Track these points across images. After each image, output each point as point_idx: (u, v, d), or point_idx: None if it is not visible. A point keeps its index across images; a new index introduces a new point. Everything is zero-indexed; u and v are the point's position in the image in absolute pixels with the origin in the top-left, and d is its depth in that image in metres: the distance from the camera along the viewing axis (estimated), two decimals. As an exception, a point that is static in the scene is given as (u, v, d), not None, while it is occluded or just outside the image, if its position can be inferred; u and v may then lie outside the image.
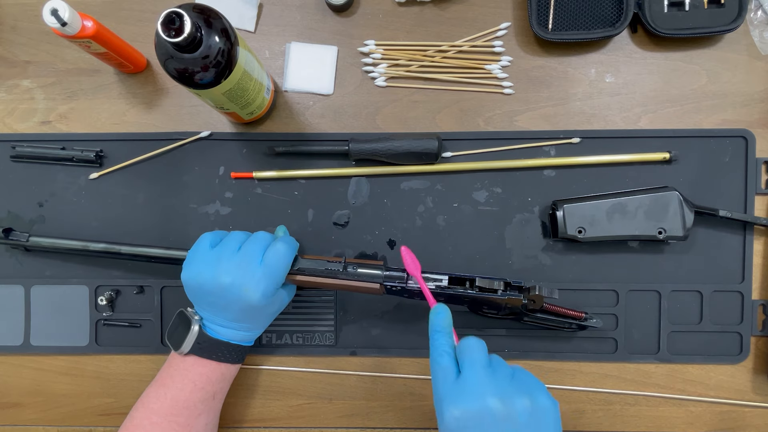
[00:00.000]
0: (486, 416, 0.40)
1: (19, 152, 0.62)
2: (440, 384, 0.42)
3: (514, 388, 0.41)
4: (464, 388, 0.41)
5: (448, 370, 0.43)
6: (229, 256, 0.51)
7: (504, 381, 0.42)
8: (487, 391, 0.41)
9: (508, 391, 0.41)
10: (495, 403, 0.40)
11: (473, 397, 0.40)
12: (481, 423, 0.40)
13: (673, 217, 0.57)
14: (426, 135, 0.59)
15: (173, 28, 0.42)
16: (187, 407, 0.52)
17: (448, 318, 0.46)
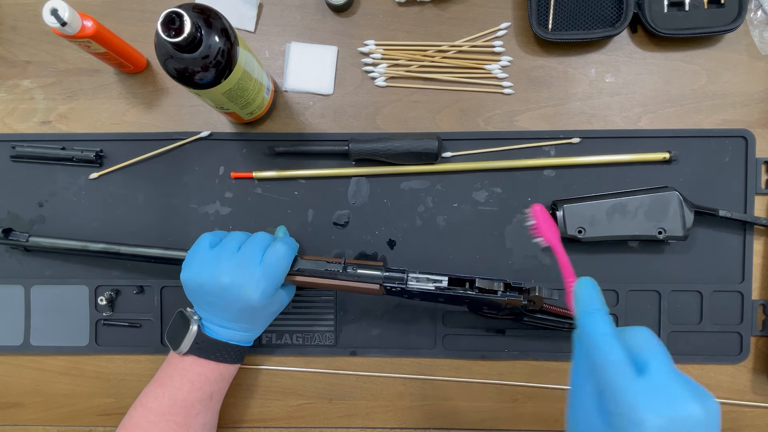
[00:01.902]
0: (689, 424, 0.33)
1: (19, 152, 0.62)
2: (624, 385, 0.34)
3: (698, 388, 0.35)
4: (661, 389, 0.34)
5: (625, 365, 0.35)
6: (228, 257, 0.51)
7: (688, 380, 0.36)
8: (686, 393, 0.34)
9: (700, 393, 0.35)
10: (696, 408, 0.34)
11: (676, 401, 0.34)
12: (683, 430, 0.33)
13: (673, 217, 0.57)
14: (426, 135, 0.59)
15: (173, 28, 0.42)
16: (185, 407, 0.52)
17: (599, 293, 0.39)
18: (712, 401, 0.35)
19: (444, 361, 0.62)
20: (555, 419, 0.61)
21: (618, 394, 0.34)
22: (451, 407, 0.62)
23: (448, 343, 0.61)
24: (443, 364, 0.62)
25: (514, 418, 0.62)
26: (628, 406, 0.34)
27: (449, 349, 0.61)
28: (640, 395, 0.34)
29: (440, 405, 0.62)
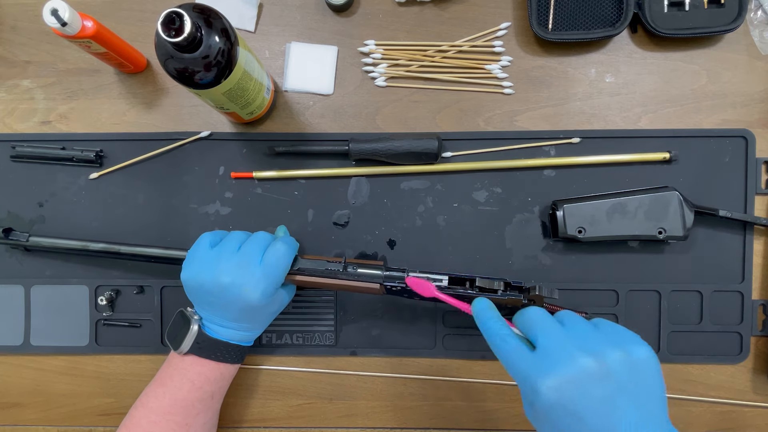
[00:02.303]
0: (583, 377, 0.36)
1: (19, 152, 0.62)
2: (520, 364, 0.38)
3: (602, 341, 0.38)
4: (548, 355, 0.37)
5: (520, 348, 0.39)
6: (228, 256, 0.51)
7: (588, 336, 0.38)
8: (573, 351, 0.36)
9: (596, 346, 0.37)
10: (587, 361, 0.36)
11: (562, 361, 0.36)
12: (582, 385, 0.35)
13: (673, 217, 0.57)
14: (426, 135, 0.59)
15: (173, 28, 0.42)
16: (185, 406, 0.52)
17: (491, 305, 0.44)
18: (612, 352, 0.36)
19: (444, 361, 0.62)
20: (555, 419, 0.61)
21: (519, 374, 0.38)
22: (451, 407, 0.62)
23: (448, 343, 0.61)
24: (443, 364, 0.62)
25: (514, 418, 0.62)
26: (525, 380, 0.37)
27: (449, 349, 0.61)
28: (532, 367, 0.37)
29: (440, 405, 0.62)
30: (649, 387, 0.37)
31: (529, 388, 0.37)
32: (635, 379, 0.36)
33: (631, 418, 0.35)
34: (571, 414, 0.36)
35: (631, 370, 0.37)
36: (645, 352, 0.38)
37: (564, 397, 0.35)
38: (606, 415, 0.35)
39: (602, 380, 0.36)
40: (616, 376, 0.36)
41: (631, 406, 0.36)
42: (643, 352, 0.38)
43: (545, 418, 0.37)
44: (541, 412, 0.37)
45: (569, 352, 0.37)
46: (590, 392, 0.35)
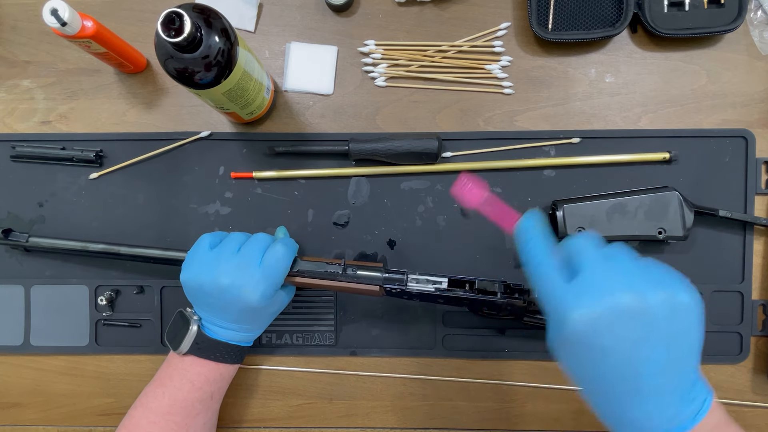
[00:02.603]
0: (618, 314, 0.34)
1: (19, 152, 0.62)
2: (554, 291, 0.36)
3: (647, 280, 0.35)
4: (585, 286, 0.35)
5: (557, 274, 0.37)
6: (228, 258, 0.51)
7: (633, 273, 0.36)
8: (614, 286, 0.35)
9: (640, 284, 0.35)
10: (626, 298, 0.34)
11: (600, 295, 0.34)
12: (615, 323, 0.34)
13: (673, 217, 0.57)
14: (426, 135, 0.59)
15: (173, 28, 0.42)
16: (184, 407, 0.52)
17: (538, 223, 0.39)
18: (655, 293, 0.35)
19: (444, 361, 0.62)
20: (555, 419, 0.61)
21: (550, 301, 0.36)
22: (452, 407, 0.62)
23: (448, 343, 0.61)
24: (443, 364, 0.62)
25: (514, 418, 0.62)
26: (556, 306, 0.36)
27: (449, 349, 0.61)
28: (565, 295, 0.35)
29: (440, 405, 0.62)
30: (686, 334, 0.35)
31: (559, 316, 0.36)
32: (673, 323, 0.35)
33: (658, 362, 0.34)
34: (598, 349, 0.35)
35: (671, 314, 0.35)
36: (689, 297, 0.36)
37: (594, 332, 0.34)
38: (632, 356, 0.34)
39: (637, 320, 0.34)
40: (653, 318, 0.34)
41: (662, 350, 0.35)
42: (687, 297, 0.35)
43: (569, 349, 0.36)
44: (566, 343, 0.36)
45: (609, 286, 0.35)
46: (622, 331, 0.34)
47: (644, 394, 0.35)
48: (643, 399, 0.35)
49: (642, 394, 0.35)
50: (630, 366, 0.35)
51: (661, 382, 0.35)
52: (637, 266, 0.37)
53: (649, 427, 0.35)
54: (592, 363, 0.35)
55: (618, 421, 0.37)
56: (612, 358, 0.35)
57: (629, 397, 0.35)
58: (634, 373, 0.35)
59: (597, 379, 0.36)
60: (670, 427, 0.35)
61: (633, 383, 0.35)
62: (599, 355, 0.35)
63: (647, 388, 0.35)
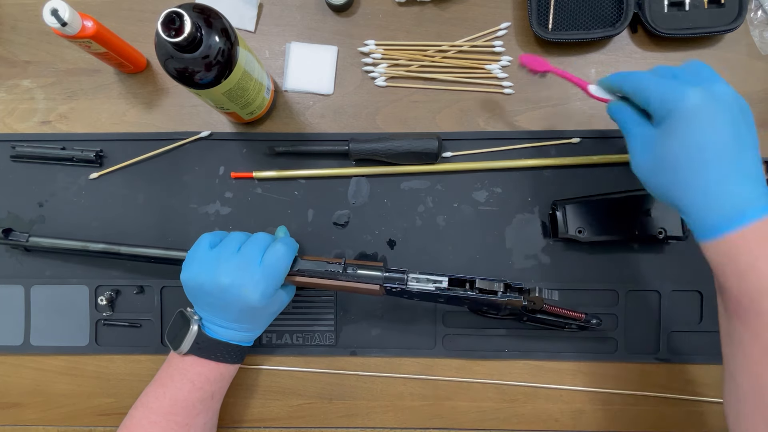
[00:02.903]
0: (726, 98, 0.41)
1: (19, 152, 0.62)
2: (664, 83, 0.43)
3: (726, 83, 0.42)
4: (694, 79, 0.42)
5: (664, 78, 0.44)
6: (228, 257, 0.51)
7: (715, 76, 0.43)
8: (720, 79, 0.42)
9: (724, 84, 0.42)
10: (729, 90, 0.42)
11: (712, 83, 0.42)
12: (719, 101, 0.41)
13: (673, 217, 0.57)
14: (426, 135, 0.59)
15: (173, 28, 0.42)
16: (185, 407, 0.52)
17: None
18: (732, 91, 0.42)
19: (444, 361, 0.62)
20: (555, 419, 0.61)
21: (660, 92, 0.42)
22: (451, 407, 0.62)
23: (448, 343, 0.61)
24: (443, 364, 0.62)
25: (514, 418, 0.62)
26: (672, 92, 0.41)
27: (449, 349, 0.61)
28: (679, 85, 0.41)
29: (440, 405, 0.62)
30: (751, 124, 0.42)
31: (676, 96, 0.41)
32: (745, 114, 0.41)
33: (745, 139, 0.40)
34: (709, 120, 0.40)
35: (742, 107, 0.41)
36: (724, 88, 0.42)
37: (707, 105, 0.40)
38: (731, 129, 0.40)
39: (739, 104, 0.41)
40: (739, 104, 0.41)
41: (746, 129, 0.41)
42: (722, 88, 0.42)
43: (684, 121, 0.41)
44: (682, 117, 0.41)
45: (715, 78, 0.42)
46: (723, 108, 0.40)
47: (742, 164, 0.40)
48: (740, 169, 0.40)
49: (741, 163, 0.40)
50: (731, 137, 0.40)
51: (750, 157, 0.40)
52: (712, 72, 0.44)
53: (745, 199, 0.39)
54: (706, 133, 0.40)
55: (708, 193, 0.40)
56: (720, 128, 0.40)
57: (730, 165, 0.40)
58: (736, 143, 0.40)
59: (705, 147, 0.40)
60: (756, 204, 0.39)
61: (734, 152, 0.40)
62: (709, 126, 0.40)
63: (744, 159, 0.40)
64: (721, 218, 0.39)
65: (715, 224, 0.40)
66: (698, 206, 0.40)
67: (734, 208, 0.39)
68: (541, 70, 0.55)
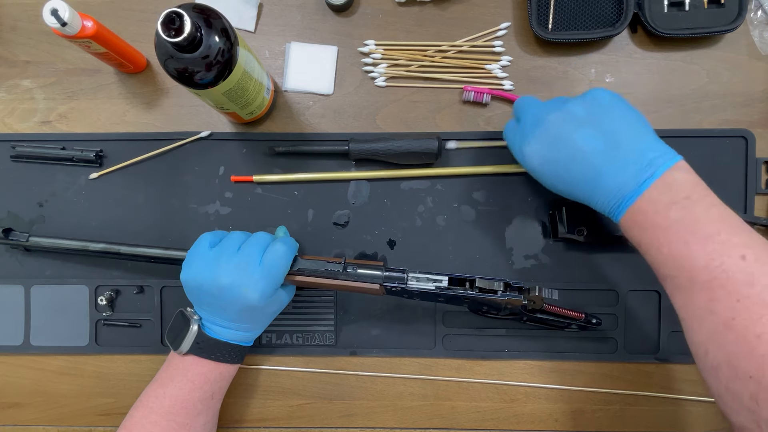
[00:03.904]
0: (564, 115, 0.48)
1: (19, 152, 0.62)
2: (532, 107, 0.51)
3: (571, 100, 0.49)
4: (551, 105, 0.49)
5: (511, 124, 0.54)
6: (228, 257, 0.51)
7: (569, 100, 0.49)
8: (560, 105, 0.48)
9: (569, 103, 0.48)
10: (566, 107, 0.48)
11: (558, 107, 0.48)
12: (563, 120, 0.48)
13: (673, 217, 0.57)
14: (426, 135, 0.59)
15: (173, 28, 0.42)
16: (185, 407, 0.52)
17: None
18: (574, 100, 0.49)
19: (444, 361, 0.62)
20: (555, 419, 0.61)
21: (529, 115, 0.51)
22: (451, 407, 0.62)
23: (448, 343, 0.61)
24: (443, 364, 0.62)
25: (514, 418, 0.62)
26: (535, 115, 0.49)
27: (449, 349, 0.61)
28: (541, 109, 0.50)
29: (440, 405, 0.62)
30: (616, 118, 0.47)
31: (536, 119, 0.49)
32: (592, 114, 0.47)
33: (596, 142, 0.46)
34: (563, 136, 0.48)
35: (589, 107, 0.47)
36: (599, 91, 0.48)
37: (557, 125, 0.48)
38: (575, 139, 0.47)
39: (570, 117, 0.47)
40: (576, 113, 0.47)
41: (594, 133, 0.46)
42: (597, 92, 0.48)
43: (544, 141, 0.49)
44: (542, 137, 0.49)
45: (559, 106, 0.48)
46: (568, 125, 0.47)
47: (604, 164, 0.46)
48: (602, 169, 0.46)
49: (604, 162, 0.46)
50: (578, 148, 0.47)
51: (610, 156, 0.46)
52: (556, 100, 0.50)
53: (611, 188, 0.45)
54: (559, 148, 0.47)
55: (589, 193, 0.48)
56: (569, 142, 0.47)
57: (591, 171, 0.46)
58: (582, 152, 0.46)
59: (565, 161, 0.47)
60: (629, 188, 0.45)
61: (590, 159, 0.46)
62: (562, 142, 0.47)
63: (600, 162, 0.46)
64: (612, 207, 0.46)
65: (610, 212, 0.47)
66: (593, 195, 0.47)
67: (620, 196, 0.45)
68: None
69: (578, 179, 0.47)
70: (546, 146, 0.48)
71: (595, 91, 0.48)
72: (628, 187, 0.44)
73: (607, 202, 0.46)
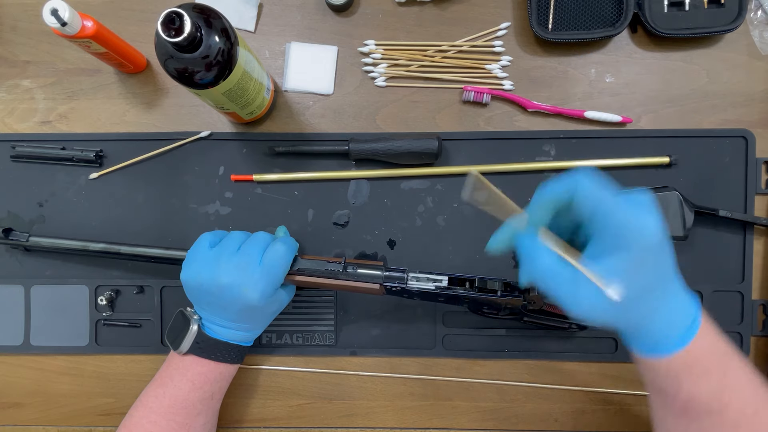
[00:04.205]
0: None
1: (19, 152, 0.62)
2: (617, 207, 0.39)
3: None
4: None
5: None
6: (228, 257, 0.51)
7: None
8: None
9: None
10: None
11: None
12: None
13: (673, 217, 0.57)
14: (426, 135, 0.59)
15: (173, 28, 0.42)
16: (185, 407, 0.52)
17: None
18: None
19: (444, 361, 0.62)
20: (555, 419, 0.61)
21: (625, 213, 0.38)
22: (451, 407, 0.62)
23: (448, 343, 0.61)
24: (443, 364, 0.62)
25: (514, 418, 0.62)
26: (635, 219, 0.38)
27: (449, 349, 0.61)
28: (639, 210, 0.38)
29: (440, 405, 0.62)
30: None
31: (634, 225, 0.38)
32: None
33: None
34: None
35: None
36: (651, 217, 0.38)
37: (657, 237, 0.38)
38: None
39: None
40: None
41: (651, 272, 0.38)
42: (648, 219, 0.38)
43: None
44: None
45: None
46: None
47: (678, 281, 0.40)
48: (680, 286, 0.40)
49: (678, 281, 0.40)
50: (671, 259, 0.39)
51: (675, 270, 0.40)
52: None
53: (692, 314, 0.40)
54: (664, 262, 0.39)
55: (666, 314, 0.40)
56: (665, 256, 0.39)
57: (676, 286, 0.40)
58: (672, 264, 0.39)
59: (664, 275, 0.39)
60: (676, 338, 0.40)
61: (674, 273, 0.40)
62: (663, 255, 0.39)
63: (676, 276, 0.40)
64: (679, 335, 0.40)
65: (674, 341, 0.40)
66: (656, 329, 0.40)
67: (688, 323, 0.40)
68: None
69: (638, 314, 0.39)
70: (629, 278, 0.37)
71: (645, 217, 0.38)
72: (698, 315, 0.40)
73: (677, 328, 0.40)
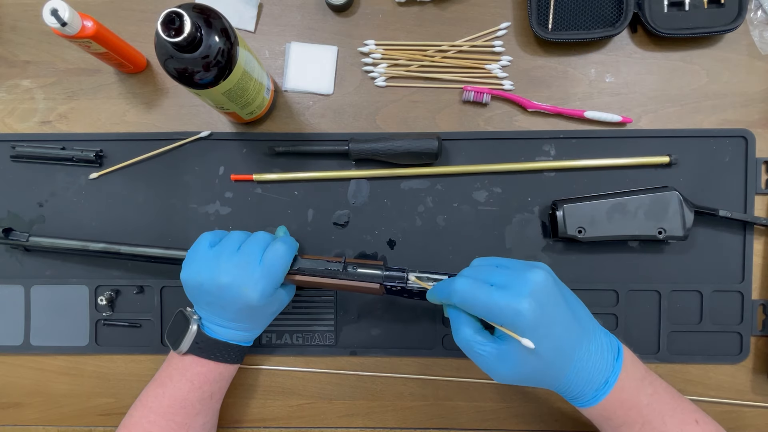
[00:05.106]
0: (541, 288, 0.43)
1: (19, 152, 0.62)
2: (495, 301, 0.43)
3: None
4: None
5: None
6: (228, 256, 0.51)
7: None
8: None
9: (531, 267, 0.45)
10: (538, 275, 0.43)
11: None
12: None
13: (673, 217, 0.57)
14: (426, 135, 0.59)
15: (173, 28, 0.42)
16: (184, 406, 0.52)
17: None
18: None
19: (444, 360, 0.62)
20: (555, 419, 0.61)
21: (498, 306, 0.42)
22: (451, 407, 0.62)
23: (448, 343, 0.61)
24: (443, 364, 0.62)
25: (514, 418, 0.62)
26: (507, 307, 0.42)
27: (449, 349, 0.61)
28: (507, 293, 0.43)
29: (440, 405, 0.62)
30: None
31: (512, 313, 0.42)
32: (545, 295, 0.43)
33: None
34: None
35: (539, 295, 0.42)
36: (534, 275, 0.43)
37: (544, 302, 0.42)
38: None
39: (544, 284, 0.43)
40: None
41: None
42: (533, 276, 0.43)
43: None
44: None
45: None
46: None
47: (593, 335, 0.45)
48: (592, 340, 0.44)
49: (592, 335, 0.45)
50: (573, 317, 0.44)
51: (589, 319, 0.46)
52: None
53: (606, 368, 0.44)
54: (556, 328, 0.43)
55: (578, 374, 0.44)
56: (562, 315, 0.44)
57: (584, 344, 0.44)
58: (579, 322, 0.44)
59: (561, 344, 0.43)
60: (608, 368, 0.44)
61: (583, 330, 0.44)
62: (555, 320, 0.43)
63: (593, 330, 0.45)
64: (592, 392, 0.44)
65: (588, 398, 0.45)
66: (571, 385, 0.44)
67: (601, 381, 0.44)
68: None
69: (545, 370, 0.44)
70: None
71: (536, 275, 0.43)
72: (607, 368, 0.44)
73: (592, 384, 0.44)
